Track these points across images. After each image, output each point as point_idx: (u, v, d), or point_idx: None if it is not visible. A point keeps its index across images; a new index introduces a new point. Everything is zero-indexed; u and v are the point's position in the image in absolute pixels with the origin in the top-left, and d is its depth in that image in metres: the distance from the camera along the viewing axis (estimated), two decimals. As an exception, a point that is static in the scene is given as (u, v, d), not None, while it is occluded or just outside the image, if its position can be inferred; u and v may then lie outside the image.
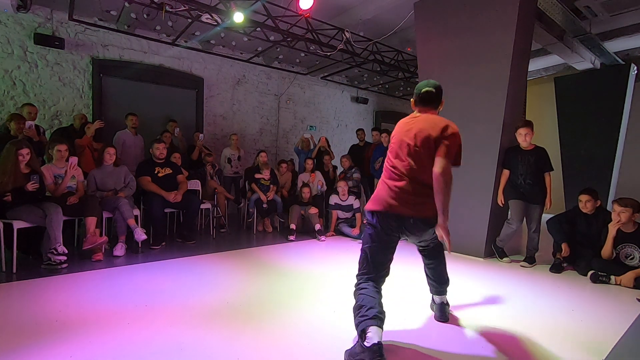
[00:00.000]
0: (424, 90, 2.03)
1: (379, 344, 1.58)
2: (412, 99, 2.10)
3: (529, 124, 3.67)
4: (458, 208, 4.11)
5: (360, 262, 1.97)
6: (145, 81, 5.87)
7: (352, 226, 5.00)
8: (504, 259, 3.82)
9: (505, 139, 3.81)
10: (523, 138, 3.65)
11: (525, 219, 3.74)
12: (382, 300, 1.83)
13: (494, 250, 3.89)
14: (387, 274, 1.96)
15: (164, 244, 4.08)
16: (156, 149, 4.24)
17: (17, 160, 3.12)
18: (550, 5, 4.37)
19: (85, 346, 1.83)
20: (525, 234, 3.89)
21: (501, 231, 3.85)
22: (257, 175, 5.15)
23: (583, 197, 3.48)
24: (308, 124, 8.18)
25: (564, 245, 3.49)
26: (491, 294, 2.84)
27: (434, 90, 2.03)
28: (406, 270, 3.22)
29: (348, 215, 5.11)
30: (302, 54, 6.49)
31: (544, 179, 3.64)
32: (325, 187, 5.71)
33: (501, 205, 3.80)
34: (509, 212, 3.93)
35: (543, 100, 7.79)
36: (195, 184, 4.78)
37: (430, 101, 2.04)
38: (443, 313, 2.29)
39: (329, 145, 6.29)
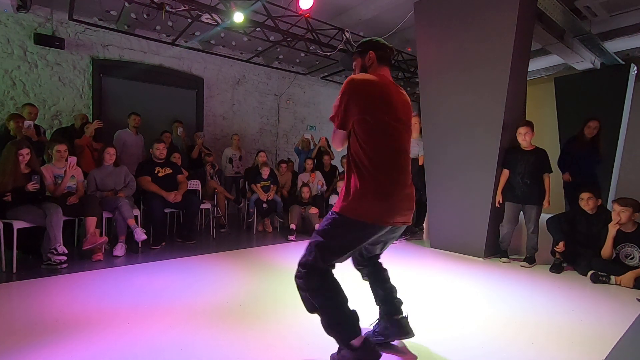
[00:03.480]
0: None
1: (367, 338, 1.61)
2: (371, 52, 1.71)
3: (528, 124, 3.69)
4: (458, 208, 4.13)
5: None
6: (145, 81, 5.88)
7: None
8: (502, 259, 3.82)
9: (505, 139, 3.81)
10: (522, 137, 3.67)
11: (524, 219, 3.76)
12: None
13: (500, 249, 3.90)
14: None
15: (164, 244, 4.08)
16: (156, 149, 4.24)
17: (17, 160, 3.12)
18: (550, 5, 4.37)
19: (85, 346, 1.83)
20: (525, 234, 3.89)
21: (499, 233, 3.88)
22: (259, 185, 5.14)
23: (584, 195, 3.48)
24: (308, 124, 8.18)
25: (560, 243, 3.50)
26: (491, 294, 2.84)
27: None
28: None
29: (348, 215, 5.09)
30: (302, 54, 6.49)
31: (542, 179, 3.64)
32: (325, 187, 5.71)
33: (497, 206, 3.81)
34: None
35: (543, 100, 7.78)
36: (195, 184, 4.78)
37: None
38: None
39: (329, 146, 6.29)
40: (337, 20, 5.30)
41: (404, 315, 1.91)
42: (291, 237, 4.67)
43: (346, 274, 2.11)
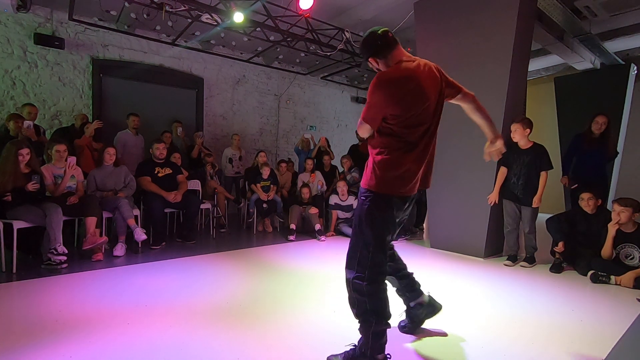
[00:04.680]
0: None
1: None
2: (370, 59, 1.70)
3: (519, 121, 3.58)
4: (458, 208, 4.13)
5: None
6: (145, 81, 5.88)
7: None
8: (506, 261, 3.73)
9: (505, 139, 3.80)
10: (512, 135, 3.61)
11: (521, 219, 3.74)
12: None
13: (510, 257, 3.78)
14: None
15: (164, 244, 4.08)
16: (156, 149, 4.24)
17: (17, 160, 3.13)
18: (550, 5, 4.37)
19: (85, 346, 1.83)
20: (523, 234, 3.88)
21: (505, 240, 3.86)
22: (259, 185, 5.14)
23: (585, 195, 3.48)
24: (308, 124, 8.18)
25: (560, 243, 3.50)
26: (491, 294, 2.84)
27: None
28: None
29: (348, 215, 5.11)
30: (302, 54, 6.49)
31: (538, 179, 3.57)
32: (325, 187, 5.71)
33: (490, 203, 3.77)
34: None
35: (543, 100, 7.79)
36: (195, 184, 4.78)
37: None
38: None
39: (329, 145, 6.30)
40: (337, 20, 5.30)
41: (428, 295, 2.07)
42: (291, 237, 4.67)
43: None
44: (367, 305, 1.61)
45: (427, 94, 1.62)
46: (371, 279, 1.61)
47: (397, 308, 2.25)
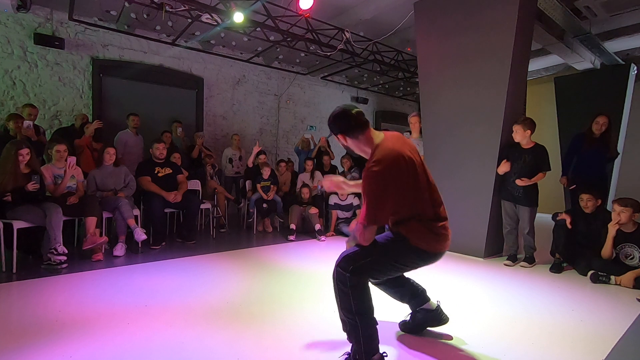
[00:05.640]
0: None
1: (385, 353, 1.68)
2: (339, 135, 1.74)
3: (520, 122, 3.57)
4: (458, 208, 4.12)
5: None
6: (145, 81, 5.88)
7: (352, 226, 5.00)
8: (506, 261, 3.73)
9: (505, 138, 3.81)
10: (514, 135, 3.61)
11: (519, 220, 3.73)
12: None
13: (509, 257, 3.78)
14: None
15: (164, 244, 4.08)
16: (156, 149, 4.24)
17: (17, 160, 3.13)
18: (550, 5, 4.38)
19: (85, 346, 1.83)
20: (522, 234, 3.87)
21: (504, 240, 3.86)
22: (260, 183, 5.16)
23: (584, 196, 3.48)
24: (308, 124, 8.18)
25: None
26: (491, 294, 2.84)
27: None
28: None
29: (348, 215, 5.11)
30: (302, 54, 6.49)
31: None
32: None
33: (500, 172, 3.70)
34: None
35: (543, 100, 7.79)
36: (195, 184, 4.78)
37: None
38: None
39: (328, 146, 6.30)
40: (337, 20, 5.30)
41: (437, 304, 2.04)
42: (291, 237, 4.67)
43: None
44: (352, 301, 1.61)
45: (414, 161, 1.69)
46: (355, 271, 1.62)
47: (396, 308, 2.25)
